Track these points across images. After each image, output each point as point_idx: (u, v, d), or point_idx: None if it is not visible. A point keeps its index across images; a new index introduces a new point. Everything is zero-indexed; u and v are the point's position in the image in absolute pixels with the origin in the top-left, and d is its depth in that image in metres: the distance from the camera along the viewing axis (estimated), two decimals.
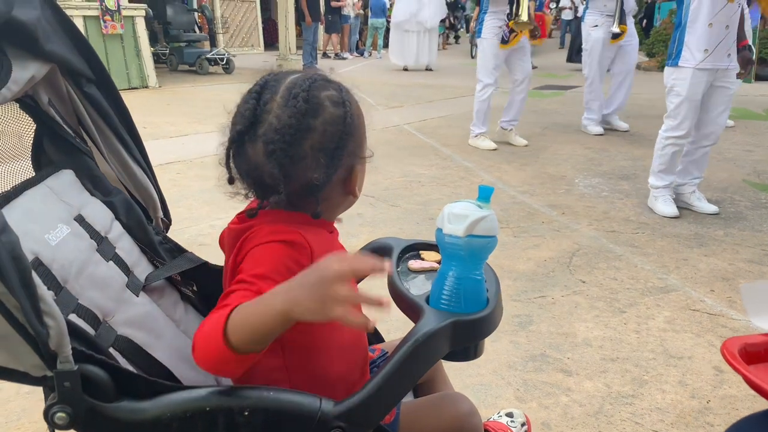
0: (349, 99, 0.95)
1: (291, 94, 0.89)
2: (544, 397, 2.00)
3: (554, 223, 3.64)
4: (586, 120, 6.26)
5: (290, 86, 0.91)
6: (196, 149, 5.30)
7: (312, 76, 0.93)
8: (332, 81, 0.96)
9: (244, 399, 0.83)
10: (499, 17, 5.19)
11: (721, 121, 3.69)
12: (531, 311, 2.56)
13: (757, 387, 0.66)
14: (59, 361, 0.76)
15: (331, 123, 0.91)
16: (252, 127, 0.90)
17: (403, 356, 0.88)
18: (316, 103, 0.90)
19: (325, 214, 0.97)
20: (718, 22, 3.41)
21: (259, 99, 0.91)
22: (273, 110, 0.89)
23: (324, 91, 0.92)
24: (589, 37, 5.95)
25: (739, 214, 3.79)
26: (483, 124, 5.55)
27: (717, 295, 2.71)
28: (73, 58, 1.11)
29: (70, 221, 1.05)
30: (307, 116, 0.89)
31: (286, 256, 0.88)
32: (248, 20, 17.16)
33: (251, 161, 0.91)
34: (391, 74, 12.12)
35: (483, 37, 5.30)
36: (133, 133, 1.25)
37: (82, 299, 0.95)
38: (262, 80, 0.94)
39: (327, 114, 0.91)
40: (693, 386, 2.06)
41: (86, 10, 8.31)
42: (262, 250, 0.88)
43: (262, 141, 0.89)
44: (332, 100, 0.92)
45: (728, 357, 0.71)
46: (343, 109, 0.92)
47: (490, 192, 0.95)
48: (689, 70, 3.49)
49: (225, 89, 9.44)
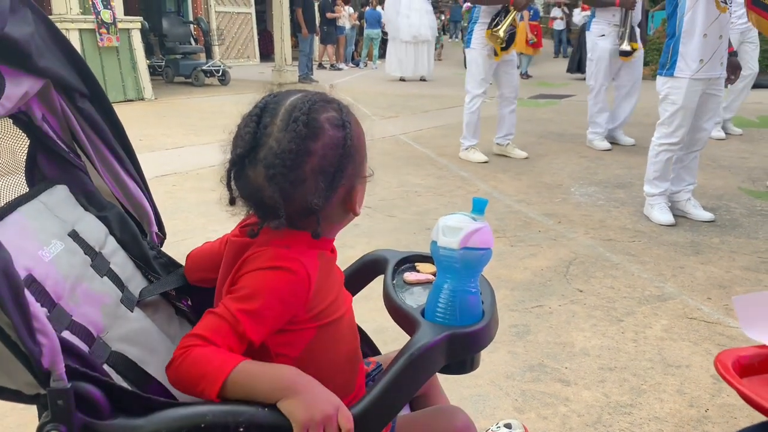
0: (350, 119, 0.95)
1: (291, 118, 0.90)
2: (542, 407, 1.99)
3: (551, 232, 3.65)
4: (592, 134, 6.01)
5: (290, 109, 0.91)
6: (191, 161, 5.30)
7: (311, 97, 0.93)
8: (332, 101, 0.96)
9: (239, 415, 0.82)
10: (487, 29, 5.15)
11: (709, 127, 3.74)
12: (528, 321, 2.55)
13: (751, 401, 0.66)
14: (52, 379, 0.75)
15: (331, 146, 0.91)
16: (252, 151, 0.90)
17: (399, 370, 0.87)
18: (316, 127, 0.90)
19: (325, 232, 0.98)
20: (712, 32, 3.44)
21: (259, 122, 0.91)
22: (273, 134, 0.90)
23: (324, 113, 0.92)
24: (595, 46, 5.76)
25: (735, 222, 3.80)
26: (473, 136, 5.45)
27: (714, 303, 2.72)
28: (66, 73, 1.11)
29: (63, 237, 1.05)
30: (307, 140, 0.89)
31: (284, 287, 0.90)
32: (244, 32, 17.21)
33: (252, 184, 0.92)
34: (387, 84, 12.17)
35: (472, 47, 5.23)
36: (127, 147, 1.24)
37: (75, 315, 0.94)
38: (262, 102, 0.94)
39: (327, 137, 0.91)
40: (691, 395, 2.06)
41: (82, 23, 8.32)
42: (262, 277, 0.90)
43: (263, 165, 0.89)
44: (332, 123, 0.92)
45: (722, 370, 0.71)
46: (343, 132, 0.93)
47: (484, 204, 0.95)
48: (685, 80, 3.52)
49: (221, 101, 9.46)
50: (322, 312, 0.97)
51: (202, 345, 0.86)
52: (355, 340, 1.07)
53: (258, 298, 0.89)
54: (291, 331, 0.94)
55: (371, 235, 3.52)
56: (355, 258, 1.37)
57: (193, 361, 0.85)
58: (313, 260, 0.95)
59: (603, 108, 5.90)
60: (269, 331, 0.91)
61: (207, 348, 0.86)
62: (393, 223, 3.77)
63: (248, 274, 0.92)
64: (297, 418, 0.81)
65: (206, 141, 6.26)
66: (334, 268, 1.06)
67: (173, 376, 0.87)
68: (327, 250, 1.03)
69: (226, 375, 0.83)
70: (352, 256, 1.59)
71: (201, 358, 0.85)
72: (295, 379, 0.84)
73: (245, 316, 0.88)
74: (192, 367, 0.85)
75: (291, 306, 0.92)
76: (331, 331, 0.99)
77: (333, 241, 1.05)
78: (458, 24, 21.54)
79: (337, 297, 1.01)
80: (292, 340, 0.95)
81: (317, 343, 0.97)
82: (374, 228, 3.65)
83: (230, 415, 0.82)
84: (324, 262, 1.00)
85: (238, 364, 0.84)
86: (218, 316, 0.89)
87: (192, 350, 0.86)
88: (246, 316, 0.88)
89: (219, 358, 0.85)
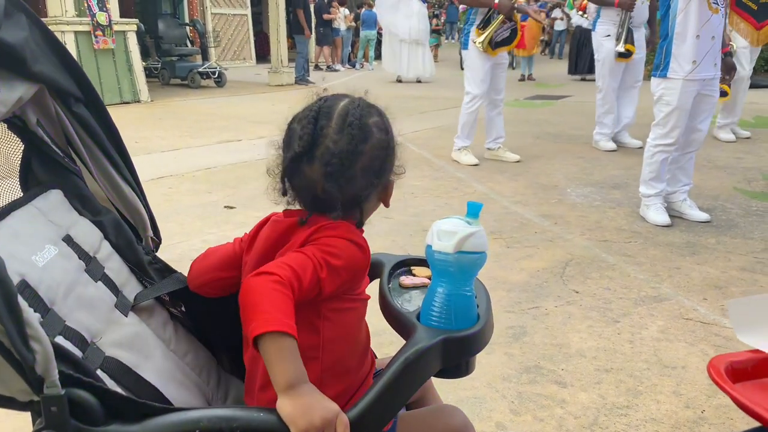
0: (389, 124, 1.09)
1: (345, 122, 1.01)
2: (538, 409, 1.99)
3: (547, 233, 3.65)
4: (598, 135, 5.99)
5: (343, 114, 1.02)
6: (187, 163, 5.29)
7: (360, 103, 1.05)
8: (374, 106, 1.08)
9: (233, 420, 0.82)
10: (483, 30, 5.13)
11: (704, 128, 3.73)
12: (525, 322, 2.56)
13: (744, 406, 0.66)
14: (46, 386, 0.75)
15: (378, 147, 1.03)
16: (310, 150, 1.00)
17: (394, 375, 0.88)
18: (367, 131, 1.02)
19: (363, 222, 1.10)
20: (705, 33, 3.46)
21: (315, 124, 1.01)
22: (330, 135, 1.00)
23: (371, 118, 1.04)
24: (601, 47, 5.76)
25: (731, 222, 3.81)
26: (468, 137, 5.43)
27: (710, 304, 2.72)
28: (61, 78, 1.11)
29: (57, 242, 1.04)
30: (360, 142, 1.01)
31: (358, 259, 1.01)
32: (240, 33, 17.21)
33: (307, 179, 1.01)
34: (384, 86, 12.18)
35: (469, 48, 5.24)
36: (122, 151, 1.24)
37: (69, 321, 0.94)
38: (316, 106, 1.03)
39: (375, 140, 1.03)
40: (687, 396, 2.06)
41: (78, 26, 8.32)
42: (343, 244, 0.99)
43: (320, 162, 0.99)
44: (378, 127, 1.04)
45: (715, 376, 0.71)
46: (387, 135, 1.06)
47: (478, 208, 0.95)
48: (679, 81, 3.53)
49: (217, 103, 9.45)
50: (363, 290, 1.09)
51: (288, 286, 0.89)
52: (368, 332, 1.14)
53: (340, 257, 0.97)
54: (341, 300, 1.02)
55: (368, 237, 3.48)
56: None
57: (270, 294, 0.87)
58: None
59: (610, 109, 5.88)
60: (336, 290, 0.98)
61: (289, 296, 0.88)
62: (389, 224, 3.77)
63: (331, 237, 0.99)
64: (297, 422, 0.82)
65: (202, 143, 6.26)
66: None
67: (253, 285, 0.88)
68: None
69: (273, 329, 0.83)
70: None
71: (276, 300, 0.87)
72: (299, 384, 0.85)
73: (327, 266, 0.95)
74: (266, 297, 0.87)
75: (357, 277, 1.04)
76: (362, 312, 1.09)
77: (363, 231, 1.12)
78: (454, 25, 21.57)
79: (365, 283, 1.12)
80: (341, 306, 1.03)
81: (353, 319, 1.07)
82: (371, 230, 3.60)
83: (224, 421, 0.82)
84: None
85: (287, 332, 0.84)
86: (306, 255, 0.94)
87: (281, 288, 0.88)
88: (328, 267, 0.95)
89: (286, 314, 0.86)
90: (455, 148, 5.52)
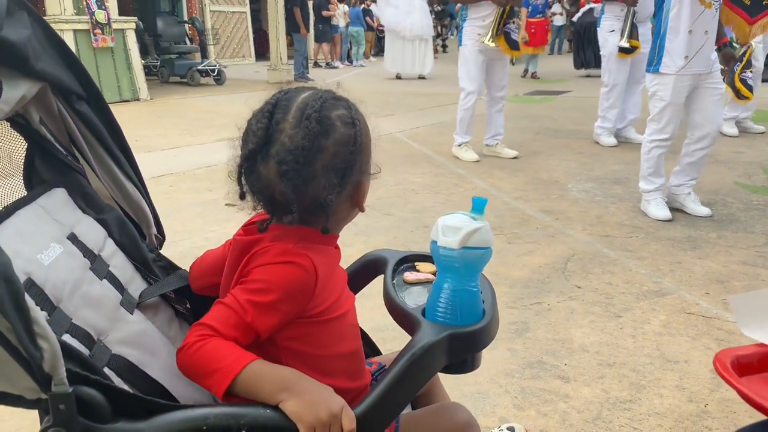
0: (359, 117, 0.97)
1: (303, 115, 0.91)
2: (542, 404, 2.00)
3: (548, 228, 3.65)
4: (600, 129, 5.97)
5: (302, 106, 0.92)
6: (188, 161, 5.29)
7: (322, 95, 0.95)
8: (341, 98, 0.97)
9: (241, 417, 0.82)
10: (478, 24, 5.11)
11: (717, 120, 3.71)
12: (527, 318, 2.56)
13: (750, 400, 0.66)
14: (54, 384, 0.75)
15: (342, 143, 0.93)
16: (265, 147, 0.91)
17: (400, 371, 0.88)
18: (328, 124, 0.92)
19: (332, 228, 1.00)
20: (697, 28, 3.46)
21: (271, 118, 0.92)
22: (285, 130, 0.91)
23: (335, 110, 0.94)
24: (606, 42, 5.72)
25: (732, 216, 3.81)
26: (466, 133, 5.43)
27: (712, 298, 2.72)
28: (63, 76, 1.11)
29: (62, 240, 1.04)
30: (319, 137, 0.91)
31: (293, 281, 0.91)
32: (239, 31, 17.18)
33: (263, 180, 0.93)
34: (383, 82, 12.17)
35: (464, 44, 5.24)
36: (125, 149, 1.24)
37: (75, 319, 0.94)
38: (274, 99, 0.95)
39: (338, 134, 0.92)
40: (690, 390, 2.06)
41: (76, 24, 8.30)
42: (272, 271, 0.91)
43: (275, 161, 0.90)
44: (343, 120, 0.94)
45: (721, 370, 0.71)
46: (353, 129, 0.94)
47: (483, 203, 0.95)
48: (671, 77, 3.54)
49: (217, 100, 9.44)
50: (328, 308, 0.98)
51: (214, 336, 0.87)
52: (357, 339, 1.07)
53: (267, 291, 0.90)
54: (298, 325, 0.95)
55: (368, 234, 3.52)
56: (352, 256, 1.37)
57: (208, 353, 0.86)
58: (320, 256, 0.95)
59: (615, 104, 5.85)
60: (277, 324, 0.92)
61: (221, 341, 0.87)
62: (390, 221, 3.77)
63: (258, 267, 0.92)
64: (304, 418, 0.81)
65: (202, 141, 6.25)
66: (339, 266, 1.07)
67: (184, 362, 0.88)
68: (332, 246, 1.04)
69: (236, 373, 0.83)
70: (349, 254, 1.59)
71: (215, 353, 0.86)
72: (297, 381, 0.84)
73: (253, 308, 0.89)
74: (206, 358, 0.86)
75: (299, 301, 0.93)
76: (336, 328, 1.00)
77: (338, 237, 1.06)
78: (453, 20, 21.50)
79: (341, 294, 1.03)
80: (299, 334, 0.96)
81: (322, 339, 0.98)
82: (372, 226, 3.65)
83: (232, 417, 0.82)
84: (330, 258, 1.01)
85: (248, 363, 0.84)
86: (227, 306, 0.90)
87: (209, 341, 0.86)
88: (254, 308, 0.89)
89: (233, 356, 0.85)
90: (455, 144, 5.54)
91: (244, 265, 0.94)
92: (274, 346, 0.95)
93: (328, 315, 0.97)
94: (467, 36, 5.20)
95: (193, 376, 0.88)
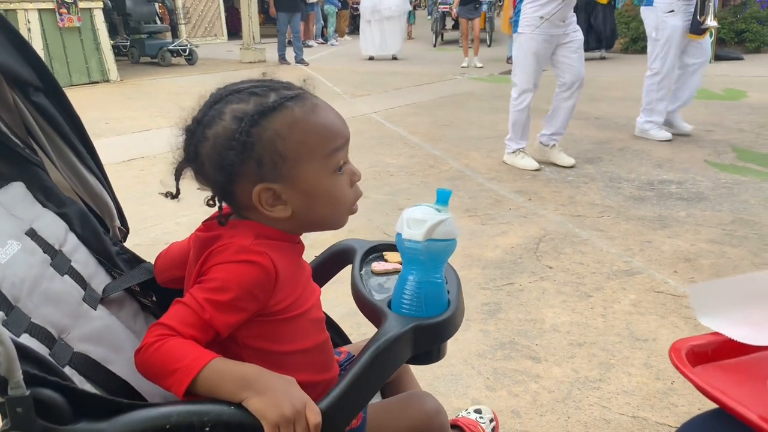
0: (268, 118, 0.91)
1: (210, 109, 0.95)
2: (513, 384, 2.03)
3: (521, 209, 3.68)
4: (648, 124, 5.26)
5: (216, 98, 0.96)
6: (159, 144, 5.19)
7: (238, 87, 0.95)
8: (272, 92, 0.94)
9: (204, 414, 0.82)
10: (540, 4, 4.16)
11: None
12: (500, 299, 2.58)
13: (701, 389, 0.68)
14: (10, 387, 0.74)
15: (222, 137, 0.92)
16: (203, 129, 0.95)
17: (365, 363, 0.88)
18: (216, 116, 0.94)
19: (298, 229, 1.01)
20: None
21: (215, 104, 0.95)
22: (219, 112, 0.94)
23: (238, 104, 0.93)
24: (664, 24, 4.94)
25: (701, 195, 3.87)
26: (521, 138, 4.60)
27: (680, 276, 2.78)
28: (19, 67, 1.08)
29: (21, 236, 1.02)
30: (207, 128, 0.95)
31: (251, 280, 0.90)
32: (210, 9, 16.87)
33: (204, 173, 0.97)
34: (358, 62, 12.06)
35: (520, 31, 4.33)
36: (86, 140, 1.21)
37: (35, 317, 0.92)
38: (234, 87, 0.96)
39: (220, 128, 0.93)
40: (658, 368, 2.11)
41: (41, 3, 8.07)
42: (228, 270, 0.90)
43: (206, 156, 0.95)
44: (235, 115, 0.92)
45: (675, 360, 0.73)
46: (238, 125, 0.91)
47: (447, 195, 0.95)
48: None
49: (188, 81, 9.28)
50: (289, 305, 0.96)
51: (173, 335, 0.86)
52: (322, 333, 1.06)
53: (225, 290, 0.89)
54: (259, 323, 0.94)
55: None
56: (325, 242, 1.36)
57: (166, 353, 0.85)
58: (279, 252, 0.94)
59: (666, 95, 5.17)
60: (236, 322, 0.91)
61: (180, 341, 0.86)
62: (366, 203, 3.76)
63: (216, 266, 0.91)
64: (267, 416, 0.80)
65: (174, 123, 6.14)
66: (301, 261, 1.06)
67: (143, 363, 0.87)
68: (293, 242, 1.02)
69: (197, 372, 0.83)
70: (322, 240, 1.59)
71: (174, 352, 0.85)
72: (259, 378, 0.84)
73: (211, 306, 0.88)
74: (164, 358, 0.85)
75: (257, 299, 0.91)
76: (298, 325, 0.99)
77: (299, 236, 1.04)
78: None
79: (304, 290, 1.01)
80: (260, 332, 0.95)
81: (285, 336, 0.97)
82: None
83: (195, 415, 0.81)
84: (291, 253, 0.99)
85: (209, 362, 0.84)
86: (185, 305, 0.89)
87: (167, 341, 0.85)
88: (212, 306, 0.88)
89: (193, 354, 0.84)
90: (508, 151, 4.67)
91: (203, 262, 0.93)
92: (235, 345, 0.94)
93: (290, 312, 0.96)
94: (525, 20, 4.28)
95: (153, 377, 0.86)
